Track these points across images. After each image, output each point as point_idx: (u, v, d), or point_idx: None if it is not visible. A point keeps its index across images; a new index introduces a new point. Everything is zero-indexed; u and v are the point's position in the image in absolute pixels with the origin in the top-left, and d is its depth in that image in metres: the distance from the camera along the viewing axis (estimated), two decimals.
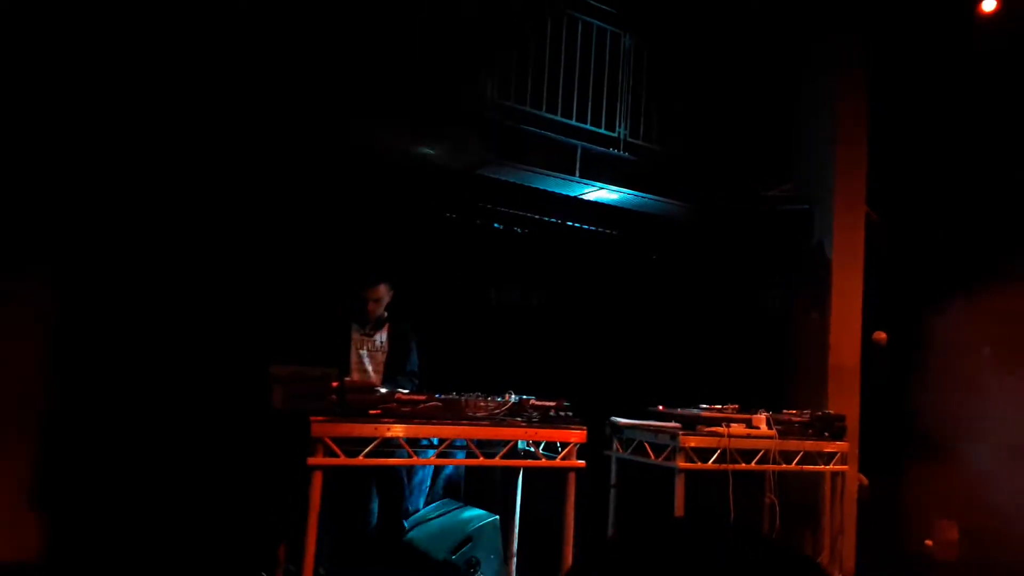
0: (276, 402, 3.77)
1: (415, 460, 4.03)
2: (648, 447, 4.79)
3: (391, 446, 3.83)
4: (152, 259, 4.55)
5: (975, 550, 6.23)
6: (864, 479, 5.99)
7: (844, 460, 5.22)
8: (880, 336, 6.21)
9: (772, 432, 4.84)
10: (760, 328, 6.14)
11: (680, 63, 6.15)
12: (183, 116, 4.55)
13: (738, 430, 4.74)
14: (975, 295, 6.28)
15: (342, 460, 3.64)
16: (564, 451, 4.20)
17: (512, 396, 4.11)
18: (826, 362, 5.96)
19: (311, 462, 3.55)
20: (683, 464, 4.54)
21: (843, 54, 6.36)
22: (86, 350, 4.42)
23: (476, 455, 3.99)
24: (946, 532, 6.41)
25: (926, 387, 6.37)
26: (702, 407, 4.87)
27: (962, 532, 6.38)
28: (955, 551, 6.37)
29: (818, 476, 5.24)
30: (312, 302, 4.78)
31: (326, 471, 3.63)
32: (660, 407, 4.96)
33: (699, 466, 4.58)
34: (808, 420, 5.11)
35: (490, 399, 4.06)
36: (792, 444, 4.96)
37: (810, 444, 5.05)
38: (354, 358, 4.64)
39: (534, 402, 4.15)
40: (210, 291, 4.66)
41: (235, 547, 4.31)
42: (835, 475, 5.23)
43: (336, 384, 3.67)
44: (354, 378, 4.54)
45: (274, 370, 3.80)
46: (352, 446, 3.68)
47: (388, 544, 4.45)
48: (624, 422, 5.03)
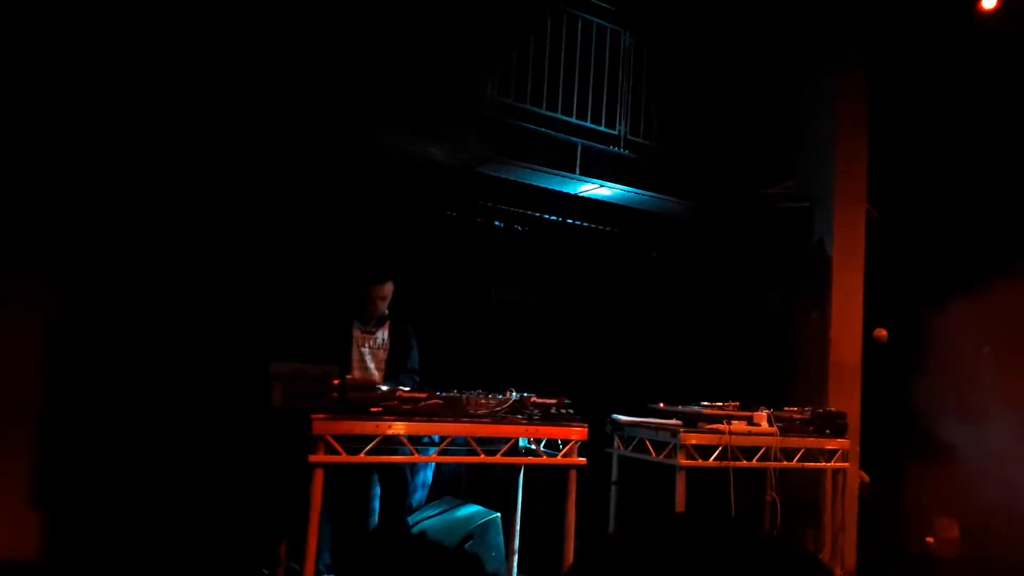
0: (277, 400, 3.77)
1: (416, 458, 4.03)
2: (649, 444, 4.80)
3: (392, 444, 3.84)
4: (153, 258, 4.55)
5: (976, 548, 6.23)
6: (865, 476, 5.99)
7: (845, 457, 5.22)
8: (881, 333, 6.21)
9: (773, 429, 4.85)
10: (761, 326, 6.14)
11: (680, 61, 6.15)
12: (184, 116, 4.55)
13: (739, 427, 4.75)
14: (976, 293, 6.27)
15: (343, 458, 3.64)
16: (565, 448, 4.20)
17: (513, 394, 4.11)
18: (827, 360, 5.96)
19: (312, 460, 3.55)
20: (684, 461, 4.55)
21: (843, 54, 6.37)
22: (86, 349, 4.41)
23: (477, 452, 3.99)
24: (947, 530, 6.41)
25: (927, 385, 6.37)
26: (703, 404, 4.88)
27: (963, 530, 6.37)
28: (956, 549, 6.37)
29: (819, 473, 5.24)
30: (313, 300, 4.78)
31: (328, 469, 3.64)
32: (661, 404, 4.97)
33: (700, 463, 4.59)
34: (809, 417, 5.12)
35: (491, 396, 4.06)
36: (793, 441, 4.96)
37: (811, 441, 5.06)
38: (355, 356, 4.64)
39: (535, 399, 4.15)
40: (210, 290, 4.66)
41: (236, 545, 4.31)
42: (836, 472, 5.24)
43: (337, 382, 3.68)
44: (355, 376, 4.54)
45: (275, 368, 3.80)
46: (353, 444, 3.68)
47: (393, 540, 4.45)
48: (625, 419, 5.03)
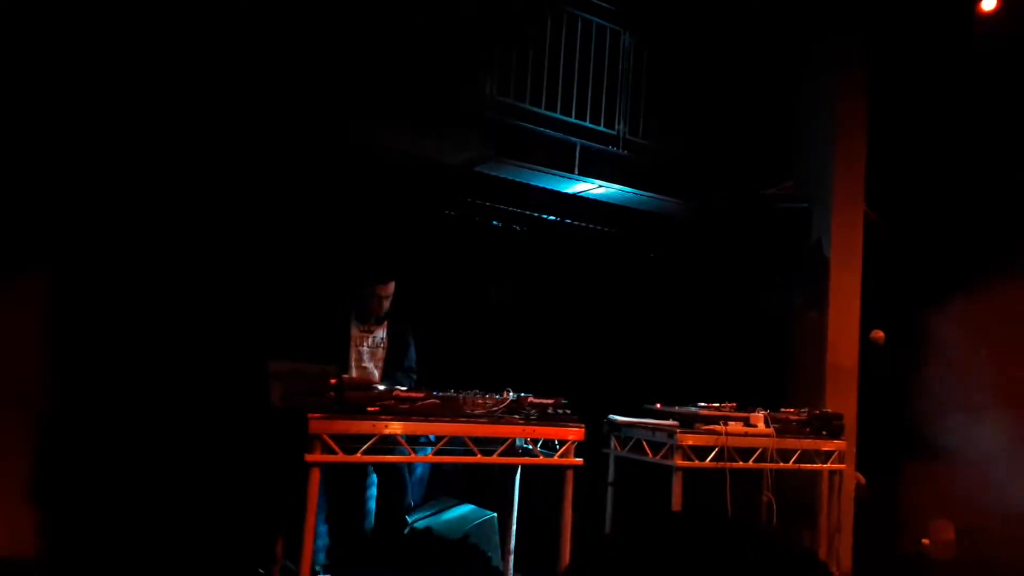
0: (275, 399, 3.78)
1: (412, 458, 4.04)
2: (646, 445, 4.81)
3: (389, 443, 3.84)
4: (153, 258, 4.55)
5: (972, 550, 6.24)
6: (861, 478, 5.99)
7: (842, 459, 5.23)
8: (878, 335, 6.21)
9: (770, 430, 4.85)
10: (758, 326, 6.14)
11: (680, 61, 6.15)
12: (184, 116, 4.55)
13: (736, 428, 4.75)
14: (974, 295, 6.29)
15: (340, 457, 3.65)
16: (562, 449, 4.21)
17: (510, 393, 4.12)
18: (824, 361, 5.96)
19: (309, 459, 3.56)
20: (681, 462, 4.55)
21: (843, 54, 6.37)
22: (85, 348, 4.42)
23: (474, 452, 4.00)
24: (943, 531, 6.42)
25: (924, 386, 6.38)
26: (700, 405, 4.89)
27: (959, 532, 6.38)
28: (952, 550, 6.38)
29: (815, 475, 5.25)
30: (311, 299, 4.78)
31: (324, 468, 3.64)
32: (658, 405, 4.98)
33: (697, 464, 4.60)
34: (806, 419, 5.13)
35: (488, 396, 4.06)
36: (790, 443, 4.97)
37: (808, 443, 5.07)
38: (354, 355, 4.65)
39: (532, 400, 4.16)
40: (209, 290, 4.66)
41: (233, 543, 4.32)
42: (832, 474, 5.24)
43: (334, 381, 3.68)
44: (354, 374, 4.55)
45: (272, 367, 3.81)
46: (350, 443, 3.69)
47: (389, 540, 4.46)
48: (622, 420, 5.04)
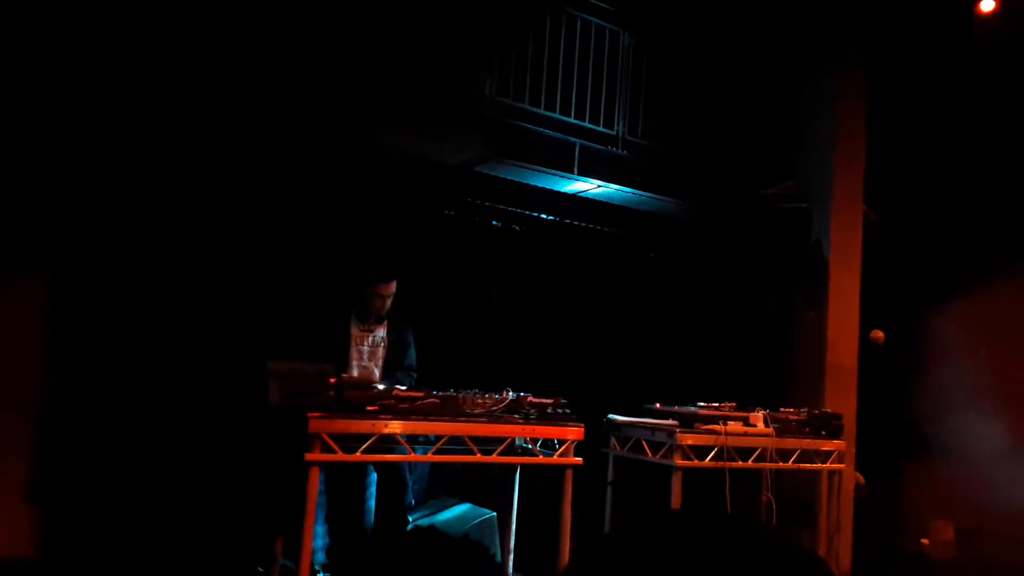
0: (274, 398, 3.78)
1: (411, 457, 4.04)
2: (645, 445, 4.81)
3: (389, 442, 3.84)
4: (153, 258, 4.56)
5: (971, 550, 6.24)
6: (861, 478, 5.99)
7: (841, 459, 5.23)
8: (878, 335, 6.21)
9: (769, 430, 4.86)
10: (758, 326, 6.14)
11: (679, 62, 6.15)
12: (184, 116, 4.55)
13: (735, 428, 4.76)
14: (973, 295, 6.29)
15: (339, 456, 3.65)
16: (561, 448, 4.21)
17: (510, 393, 4.12)
18: (824, 361, 5.96)
19: (308, 458, 3.56)
20: (680, 462, 4.56)
21: (843, 54, 6.37)
22: (85, 347, 4.42)
23: (474, 452, 4.00)
24: (942, 531, 6.42)
25: (923, 386, 6.39)
26: (699, 405, 4.89)
27: (958, 532, 6.38)
28: (951, 551, 6.38)
29: (815, 475, 5.25)
30: (311, 298, 4.79)
31: (324, 467, 3.65)
32: (657, 405, 4.98)
33: (696, 464, 4.60)
34: (805, 418, 5.13)
35: (488, 396, 4.07)
36: (789, 442, 4.97)
37: (807, 442, 5.07)
38: (354, 354, 4.65)
39: (532, 399, 4.17)
40: (209, 289, 4.66)
41: (232, 543, 4.32)
42: (832, 474, 5.24)
43: (334, 380, 3.68)
44: (355, 373, 4.56)
45: (271, 366, 3.81)
46: (350, 442, 3.69)
47: (388, 539, 4.46)
48: (621, 420, 5.05)
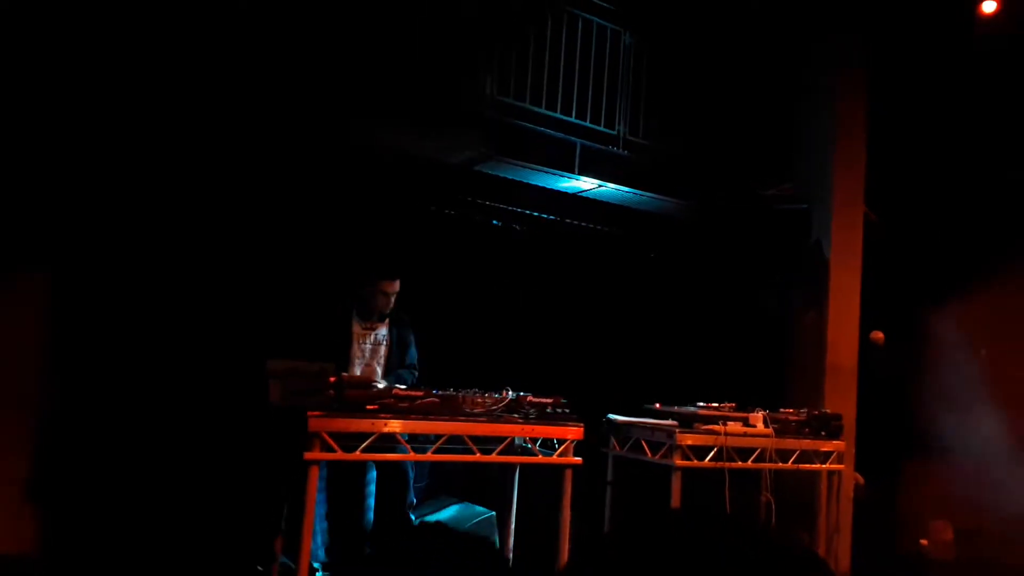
0: (274, 397, 3.78)
1: (411, 456, 4.04)
2: (645, 445, 4.81)
3: (389, 441, 3.85)
4: (153, 258, 4.56)
5: (970, 550, 6.24)
6: (860, 478, 6.00)
7: (840, 459, 5.23)
8: (877, 336, 6.22)
9: (769, 431, 4.86)
10: (758, 327, 6.15)
11: (680, 61, 6.15)
12: (185, 116, 4.55)
13: (735, 428, 4.76)
14: (973, 295, 6.29)
15: (339, 455, 3.66)
16: (561, 448, 4.21)
17: (509, 392, 4.13)
18: (823, 361, 5.96)
19: (308, 457, 3.57)
20: (680, 462, 4.56)
21: (843, 54, 6.37)
22: (85, 347, 4.42)
23: (473, 451, 4.00)
24: (941, 532, 6.42)
25: (923, 386, 6.39)
26: (699, 405, 4.89)
27: (957, 532, 6.39)
28: (950, 551, 6.39)
29: (814, 475, 5.25)
30: (312, 297, 4.78)
31: (324, 466, 3.65)
32: (657, 405, 4.98)
33: (696, 464, 4.60)
34: (805, 419, 5.13)
35: (487, 395, 4.07)
36: (789, 443, 4.98)
37: (807, 443, 5.07)
38: (355, 352, 4.66)
39: (531, 398, 4.17)
40: (210, 289, 4.66)
41: (232, 541, 4.32)
42: (831, 474, 5.25)
43: (333, 379, 3.69)
44: (357, 372, 4.56)
45: (271, 365, 3.81)
46: (349, 441, 3.69)
47: (388, 538, 4.46)
48: (621, 419, 5.04)
